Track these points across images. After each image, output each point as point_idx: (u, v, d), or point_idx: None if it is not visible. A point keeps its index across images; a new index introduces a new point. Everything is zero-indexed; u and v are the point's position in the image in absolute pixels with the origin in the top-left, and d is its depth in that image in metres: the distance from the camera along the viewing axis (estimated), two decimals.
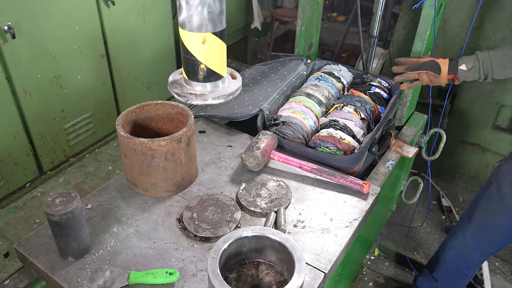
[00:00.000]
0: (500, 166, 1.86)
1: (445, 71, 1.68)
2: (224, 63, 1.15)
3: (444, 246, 2.20)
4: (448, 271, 2.19)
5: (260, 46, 5.23)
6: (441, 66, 1.68)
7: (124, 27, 2.93)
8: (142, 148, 1.37)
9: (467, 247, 2.05)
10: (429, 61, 1.72)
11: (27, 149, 2.63)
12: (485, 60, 1.62)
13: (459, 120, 3.05)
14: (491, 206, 1.89)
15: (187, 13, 1.02)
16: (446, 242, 2.18)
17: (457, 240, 2.08)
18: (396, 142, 1.90)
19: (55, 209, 1.17)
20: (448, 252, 2.15)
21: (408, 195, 2.78)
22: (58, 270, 1.24)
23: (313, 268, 1.26)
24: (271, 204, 1.45)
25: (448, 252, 2.15)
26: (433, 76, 1.72)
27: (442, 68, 1.68)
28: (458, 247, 2.09)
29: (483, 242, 2.00)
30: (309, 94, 1.91)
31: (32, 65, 2.47)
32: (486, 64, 1.62)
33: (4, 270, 2.22)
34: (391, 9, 3.61)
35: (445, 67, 1.68)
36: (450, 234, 2.16)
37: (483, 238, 1.99)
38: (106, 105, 3.05)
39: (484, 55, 1.64)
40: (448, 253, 2.15)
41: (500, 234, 1.93)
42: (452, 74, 1.67)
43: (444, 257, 2.17)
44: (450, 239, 2.14)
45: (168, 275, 1.19)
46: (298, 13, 2.11)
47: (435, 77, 1.73)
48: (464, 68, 1.65)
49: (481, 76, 1.65)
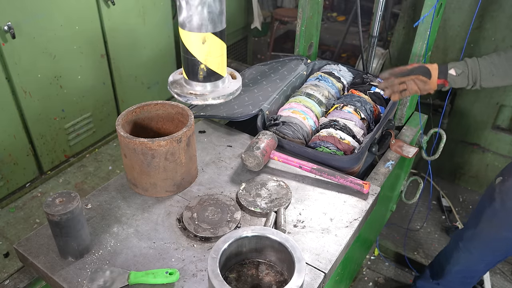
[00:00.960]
0: (503, 182, 1.81)
1: (435, 76, 1.62)
2: (224, 63, 1.15)
3: (448, 258, 2.17)
4: (453, 281, 2.20)
5: (260, 46, 5.23)
6: (431, 70, 1.62)
7: (124, 27, 2.93)
8: (142, 148, 1.37)
9: (473, 260, 2.04)
10: (418, 66, 1.65)
11: (27, 149, 2.63)
12: (474, 67, 1.59)
13: (459, 120, 3.05)
14: (497, 221, 1.87)
15: (187, 13, 1.02)
16: (451, 255, 2.15)
17: (463, 254, 2.06)
18: (396, 142, 1.90)
19: (55, 209, 1.17)
20: (454, 266, 2.13)
21: (408, 195, 2.78)
22: (58, 270, 1.24)
23: (313, 268, 1.26)
24: (271, 204, 1.45)
25: (453, 266, 2.13)
26: (423, 83, 1.64)
27: (432, 72, 1.62)
28: (463, 262, 2.08)
29: (489, 254, 1.99)
30: (309, 94, 1.91)
31: (32, 65, 2.47)
32: (475, 70, 1.59)
33: (4, 270, 2.22)
34: (391, 9, 3.61)
35: (435, 72, 1.62)
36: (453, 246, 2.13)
37: (489, 250, 1.97)
38: (106, 105, 3.05)
39: (472, 61, 1.60)
40: (454, 267, 2.13)
41: (506, 245, 1.92)
42: (442, 79, 1.62)
43: (449, 270, 2.16)
44: (454, 252, 2.11)
45: (168, 275, 1.19)
46: (298, 13, 2.11)
47: (424, 84, 1.64)
48: (453, 73, 1.61)
49: (469, 82, 1.61)
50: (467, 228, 2.04)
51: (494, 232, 1.90)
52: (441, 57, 2.91)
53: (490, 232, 1.91)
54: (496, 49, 2.69)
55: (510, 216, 1.81)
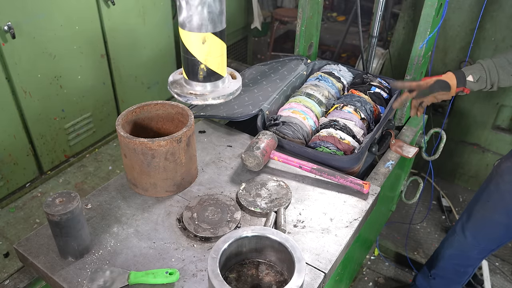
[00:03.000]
0: (500, 164, 1.86)
1: (454, 86, 1.60)
2: (224, 63, 1.15)
3: (443, 243, 2.20)
4: (446, 269, 2.20)
5: (260, 46, 5.23)
6: (449, 82, 1.60)
7: (124, 27, 2.93)
8: (142, 148, 1.37)
9: (467, 245, 2.05)
10: (436, 83, 1.61)
11: (27, 149, 2.63)
12: (492, 70, 1.56)
13: (459, 120, 3.05)
14: (491, 204, 1.89)
15: (187, 13, 1.02)
16: (446, 239, 2.19)
17: (457, 237, 2.08)
18: (396, 142, 1.90)
19: (55, 209, 1.17)
20: (447, 250, 2.15)
21: (408, 195, 2.79)
22: (58, 270, 1.24)
23: (313, 268, 1.26)
24: (271, 204, 1.45)
25: (447, 249, 2.15)
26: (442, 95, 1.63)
27: (451, 83, 1.60)
28: (457, 245, 2.10)
29: (482, 239, 2.00)
30: (309, 94, 1.91)
31: (32, 65, 2.47)
32: (493, 73, 1.56)
33: (4, 270, 2.22)
34: (391, 9, 3.61)
35: (453, 82, 1.60)
36: (449, 232, 2.17)
37: (482, 235, 1.99)
38: (106, 105, 3.05)
39: (489, 63, 1.57)
40: (447, 250, 2.15)
41: (499, 231, 1.94)
42: (462, 87, 1.60)
43: (442, 254, 2.18)
44: (449, 236, 2.15)
45: (168, 275, 1.19)
46: (298, 13, 2.11)
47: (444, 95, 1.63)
48: (471, 79, 1.58)
49: (487, 85, 1.59)
50: (465, 211, 2.07)
51: (489, 216, 1.92)
52: (441, 57, 2.91)
53: (485, 215, 1.93)
54: (496, 49, 2.69)
55: (503, 199, 1.82)
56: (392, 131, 1.92)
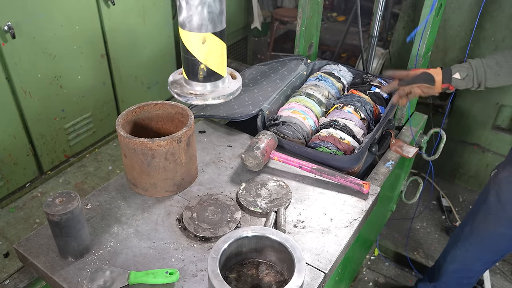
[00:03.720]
0: (497, 174, 1.83)
1: (439, 81, 1.63)
2: (224, 63, 1.15)
3: (445, 257, 2.16)
4: (449, 283, 2.17)
5: (260, 46, 5.23)
6: (434, 76, 1.63)
7: (124, 27, 2.93)
8: (142, 148, 1.37)
9: (470, 259, 2.03)
10: (421, 74, 1.65)
11: (27, 149, 2.63)
12: (479, 69, 1.58)
13: (459, 120, 3.05)
14: (493, 217, 1.86)
15: (187, 13, 1.02)
16: (447, 253, 2.14)
17: (459, 252, 2.05)
18: (396, 142, 1.90)
19: (55, 209, 1.17)
20: (450, 265, 2.12)
21: (408, 195, 2.78)
22: (58, 270, 1.24)
23: (313, 268, 1.26)
24: (271, 204, 1.45)
25: (449, 264, 2.12)
26: (427, 88, 1.66)
27: (436, 78, 1.63)
28: (460, 259, 2.06)
29: (486, 252, 1.98)
30: (309, 94, 1.91)
31: (32, 65, 2.46)
32: (480, 72, 1.58)
33: (4, 270, 2.22)
34: (391, 9, 3.61)
35: (439, 77, 1.63)
36: (451, 245, 2.13)
37: (486, 248, 1.96)
38: (106, 105, 3.05)
39: (477, 63, 1.59)
40: (450, 265, 2.12)
41: (504, 243, 1.91)
42: (447, 83, 1.63)
43: (445, 269, 2.14)
44: (451, 250, 2.10)
45: (168, 275, 1.19)
46: (298, 13, 2.11)
47: (429, 88, 1.66)
48: (458, 76, 1.60)
49: (474, 84, 1.61)
50: (464, 225, 2.03)
51: (492, 229, 1.89)
52: (441, 57, 2.91)
53: (488, 229, 1.91)
54: (496, 49, 2.70)
55: (506, 210, 1.80)
56: (392, 131, 1.92)
